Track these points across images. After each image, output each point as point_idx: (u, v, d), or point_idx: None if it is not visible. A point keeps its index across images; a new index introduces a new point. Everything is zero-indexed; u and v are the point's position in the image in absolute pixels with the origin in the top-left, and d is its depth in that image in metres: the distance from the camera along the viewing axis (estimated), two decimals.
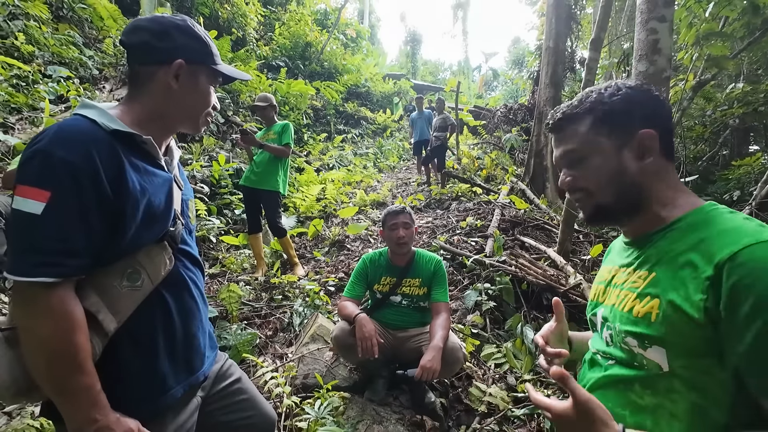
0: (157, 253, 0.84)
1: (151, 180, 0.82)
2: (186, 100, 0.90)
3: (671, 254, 0.68)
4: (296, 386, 2.04)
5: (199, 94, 0.92)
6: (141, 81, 0.87)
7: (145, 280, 0.81)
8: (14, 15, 5.42)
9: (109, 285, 0.77)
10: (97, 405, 0.73)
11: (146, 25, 0.85)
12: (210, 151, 6.06)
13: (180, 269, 0.90)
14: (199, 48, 0.90)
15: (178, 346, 0.88)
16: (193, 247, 0.98)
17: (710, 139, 7.69)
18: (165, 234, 0.85)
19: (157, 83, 0.86)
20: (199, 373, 0.95)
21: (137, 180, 0.78)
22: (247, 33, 10.80)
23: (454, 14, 28.64)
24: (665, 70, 2.77)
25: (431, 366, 1.66)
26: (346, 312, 1.95)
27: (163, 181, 0.86)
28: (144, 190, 0.79)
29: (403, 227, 2.08)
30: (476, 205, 5.36)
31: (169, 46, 0.86)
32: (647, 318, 0.68)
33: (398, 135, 12.45)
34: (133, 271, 0.80)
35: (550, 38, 7.24)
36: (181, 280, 0.91)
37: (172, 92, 0.87)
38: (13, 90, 4.68)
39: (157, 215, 0.83)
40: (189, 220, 0.99)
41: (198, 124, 0.95)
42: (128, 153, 0.78)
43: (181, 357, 0.90)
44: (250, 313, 2.82)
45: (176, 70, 0.86)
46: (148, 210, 0.80)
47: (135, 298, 0.80)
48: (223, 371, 1.08)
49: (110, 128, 0.76)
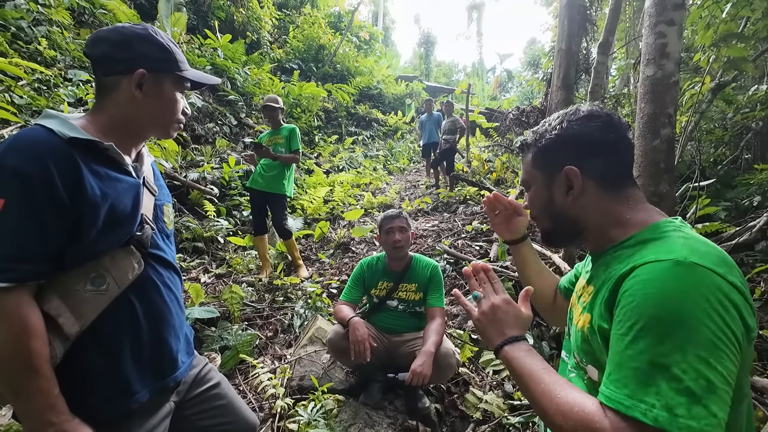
0: (123, 257, 0.85)
1: (115, 185, 0.83)
2: (152, 109, 0.91)
3: (609, 271, 0.70)
4: (292, 388, 2.06)
5: (165, 102, 0.93)
6: (106, 91, 0.89)
7: (111, 284, 0.82)
8: (38, 21, 5.64)
9: (73, 289, 0.78)
10: (54, 409, 0.74)
11: (107, 35, 0.87)
12: (222, 153, 6.18)
13: (150, 273, 0.91)
14: (161, 56, 0.91)
15: (145, 350, 0.89)
16: (167, 251, 0.99)
17: (731, 142, 7.44)
18: (131, 238, 0.87)
19: (121, 93, 0.88)
20: (170, 378, 0.96)
21: (97, 186, 0.79)
22: (262, 36, 10.98)
23: (469, 15, 28.52)
24: (673, 75, 2.71)
25: (421, 371, 1.67)
26: (341, 315, 1.97)
27: (129, 186, 0.87)
28: (105, 196, 0.80)
29: (399, 231, 2.09)
30: (484, 209, 5.30)
31: (129, 55, 0.87)
32: (583, 331, 0.71)
33: (409, 137, 12.45)
34: (98, 276, 0.81)
35: (563, 40, 7.14)
36: (152, 285, 0.92)
37: (137, 101, 0.89)
38: (35, 93, 4.87)
39: (121, 220, 0.84)
40: (164, 225, 1.01)
41: (168, 130, 0.97)
42: (88, 160, 0.80)
43: (148, 361, 0.90)
44: (252, 314, 2.87)
45: (138, 79, 0.87)
46: (111, 215, 0.81)
47: (100, 302, 0.81)
48: (201, 376, 1.09)
49: (67, 136, 0.78)
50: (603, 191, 0.75)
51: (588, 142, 0.75)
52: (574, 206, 0.76)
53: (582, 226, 0.78)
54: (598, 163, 0.75)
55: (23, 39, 5.32)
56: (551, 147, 0.78)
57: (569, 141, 0.76)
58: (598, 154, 0.75)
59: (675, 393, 0.51)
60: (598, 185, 0.75)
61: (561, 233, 0.82)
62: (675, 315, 0.53)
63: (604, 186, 0.75)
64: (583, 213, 0.76)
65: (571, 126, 0.77)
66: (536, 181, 0.82)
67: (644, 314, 0.55)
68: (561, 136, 0.77)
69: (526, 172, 0.84)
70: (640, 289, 0.58)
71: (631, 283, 0.59)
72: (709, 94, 6.49)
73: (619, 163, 0.76)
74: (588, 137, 0.75)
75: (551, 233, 0.84)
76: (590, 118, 0.76)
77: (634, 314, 0.56)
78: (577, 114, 0.77)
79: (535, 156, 0.81)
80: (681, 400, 0.50)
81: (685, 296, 0.54)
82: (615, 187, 0.75)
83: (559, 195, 0.78)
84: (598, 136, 0.75)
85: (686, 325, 0.53)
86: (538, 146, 0.81)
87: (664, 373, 0.52)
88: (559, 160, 0.77)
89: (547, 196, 0.80)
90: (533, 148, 0.82)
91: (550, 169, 0.79)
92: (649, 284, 0.57)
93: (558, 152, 0.77)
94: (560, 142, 0.77)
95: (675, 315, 0.53)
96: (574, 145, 0.76)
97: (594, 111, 0.77)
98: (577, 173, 0.75)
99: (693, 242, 0.62)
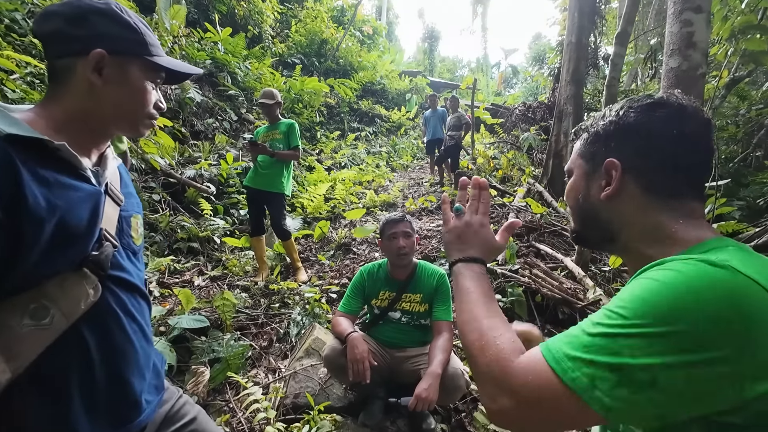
0: (74, 283, 0.69)
1: (67, 195, 0.67)
2: (115, 99, 0.76)
3: None
4: (285, 406, 1.90)
5: (132, 92, 0.78)
6: (59, 77, 0.73)
7: (57, 316, 0.66)
8: (33, 13, 5.49)
9: (4, 325, 0.63)
10: None
11: (59, 9, 0.71)
12: (221, 149, 6.02)
13: (109, 301, 0.75)
14: (127, 36, 0.75)
15: (99, 394, 0.74)
16: (132, 272, 0.83)
17: (743, 139, 7.21)
18: (85, 259, 0.71)
19: (77, 80, 0.72)
20: (133, 424, 0.80)
21: (42, 195, 0.63)
22: (264, 30, 10.79)
23: (474, 10, 28.15)
24: (700, 66, 2.51)
25: (427, 396, 1.50)
26: (338, 329, 1.81)
27: (87, 195, 0.71)
28: (53, 208, 0.64)
29: (403, 236, 1.91)
30: (490, 208, 5.13)
31: (86, 33, 0.71)
32: None
33: (413, 133, 12.25)
34: (39, 307, 0.65)
35: (573, 33, 6.90)
36: (111, 314, 0.76)
37: (97, 90, 0.73)
38: (28, 87, 4.72)
39: (73, 237, 0.68)
40: (131, 240, 0.84)
41: (136, 126, 0.81)
42: (32, 163, 0.64)
43: (104, 407, 0.75)
44: (246, 322, 2.71)
45: (96, 61, 0.72)
46: (60, 231, 0.65)
47: (42, 339, 0.65)
48: (173, 412, 0.94)
49: (4, 133, 0.61)
50: (647, 196, 0.63)
51: (641, 135, 0.63)
52: (607, 207, 0.66)
53: (614, 233, 0.67)
54: (646, 162, 0.63)
55: (17, 31, 5.18)
56: (599, 135, 0.68)
57: (620, 131, 0.65)
58: (648, 151, 0.62)
59: (608, 371, 0.46)
60: (642, 188, 0.63)
61: (589, 234, 0.73)
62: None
63: (650, 190, 0.63)
64: (617, 217, 0.66)
65: (629, 114, 0.64)
66: (577, 171, 0.73)
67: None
68: (615, 123, 0.66)
69: (572, 160, 0.75)
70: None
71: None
72: (723, 90, 6.25)
73: (676, 166, 0.61)
74: (643, 129, 0.63)
75: (578, 232, 0.75)
76: (655, 106, 0.63)
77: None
78: (643, 101, 0.65)
79: (583, 143, 0.72)
80: (610, 376, 0.46)
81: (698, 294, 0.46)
82: (665, 194, 0.62)
83: (594, 190, 0.68)
84: (656, 129, 0.62)
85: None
86: (588, 132, 0.71)
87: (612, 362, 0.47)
88: (603, 151, 0.66)
89: (584, 189, 0.71)
90: (584, 133, 0.72)
91: (593, 160, 0.69)
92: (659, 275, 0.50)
93: (605, 142, 0.67)
94: (611, 130, 0.66)
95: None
96: (623, 136, 0.65)
97: (664, 99, 0.63)
98: (617, 168, 0.64)
99: (744, 254, 0.52)
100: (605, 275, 3.27)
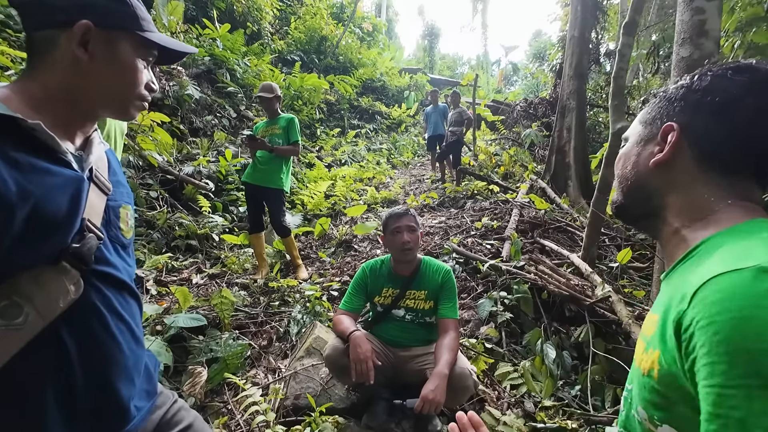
0: (51, 278, 0.62)
1: (42, 180, 0.61)
2: (102, 77, 0.69)
3: (676, 286, 0.52)
4: (286, 408, 1.84)
5: (121, 69, 0.71)
6: (39, 51, 0.66)
7: (31, 315, 0.60)
8: None
9: None
10: None
11: None
12: (220, 146, 5.94)
13: (93, 298, 0.68)
14: (116, 8, 0.68)
15: (80, 403, 0.67)
16: (120, 267, 0.75)
17: None
18: (64, 251, 0.64)
19: (59, 54, 0.65)
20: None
21: (13, 180, 0.56)
22: (263, 27, 10.69)
23: (474, 7, 28.03)
24: (713, 55, 2.42)
25: (434, 398, 1.43)
26: (340, 328, 1.74)
27: (66, 180, 0.64)
28: (26, 193, 0.57)
29: (407, 231, 1.84)
30: (493, 205, 5.06)
31: (71, 2, 0.65)
32: (651, 376, 0.52)
33: (413, 130, 12.17)
34: (11, 304, 0.58)
35: (575, 27, 6.81)
36: (94, 313, 0.69)
37: (82, 65, 0.66)
38: None
39: (49, 226, 0.61)
40: (119, 232, 0.77)
41: (126, 107, 0.74)
42: (2, 143, 0.57)
43: (85, 417, 0.68)
44: (245, 320, 2.64)
45: (81, 34, 0.65)
46: (34, 219, 0.59)
47: (14, 340, 0.59)
48: (168, 418, 0.87)
49: None
50: (700, 167, 0.57)
51: (712, 99, 0.56)
52: (655, 175, 0.61)
53: (656, 208, 0.61)
54: (710, 130, 0.56)
55: (12, 27, 5.09)
56: (668, 98, 0.61)
57: (690, 93, 0.58)
58: (716, 118, 0.55)
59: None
60: (697, 159, 0.57)
61: (630, 206, 0.66)
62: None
63: (705, 161, 0.57)
64: (663, 187, 0.60)
65: (705, 76, 0.57)
66: (632, 138, 0.67)
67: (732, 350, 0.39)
68: (686, 87, 0.59)
69: (631, 127, 0.69)
70: (716, 315, 0.41)
71: (702, 307, 0.43)
72: None
73: (743, 140, 0.54)
74: (717, 93, 0.55)
75: (620, 204, 0.68)
76: (739, 71, 0.55)
77: (722, 353, 0.40)
78: (728, 64, 0.57)
79: (649, 107, 0.65)
80: None
81: None
82: (720, 169, 0.56)
83: (645, 157, 0.62)
84: (732, 94, 0.54)
85: None
86: (658, 96, 0.64)
87: None
88: (665, 115, 0.61)
89: (635, 155, 0.64)
90: (652, 98, 0.66)
91: (651, 124, 0.63)
92: (727, 305, 0.41)
93: (669, 105, 0.60)
94: (680, 94, 0.59)
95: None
96: (691, 99, 0.58)
97: (753, 64, 0.55)
98: (676, 131, 0.58)
99: None
100: (612, 271, 3.20)
